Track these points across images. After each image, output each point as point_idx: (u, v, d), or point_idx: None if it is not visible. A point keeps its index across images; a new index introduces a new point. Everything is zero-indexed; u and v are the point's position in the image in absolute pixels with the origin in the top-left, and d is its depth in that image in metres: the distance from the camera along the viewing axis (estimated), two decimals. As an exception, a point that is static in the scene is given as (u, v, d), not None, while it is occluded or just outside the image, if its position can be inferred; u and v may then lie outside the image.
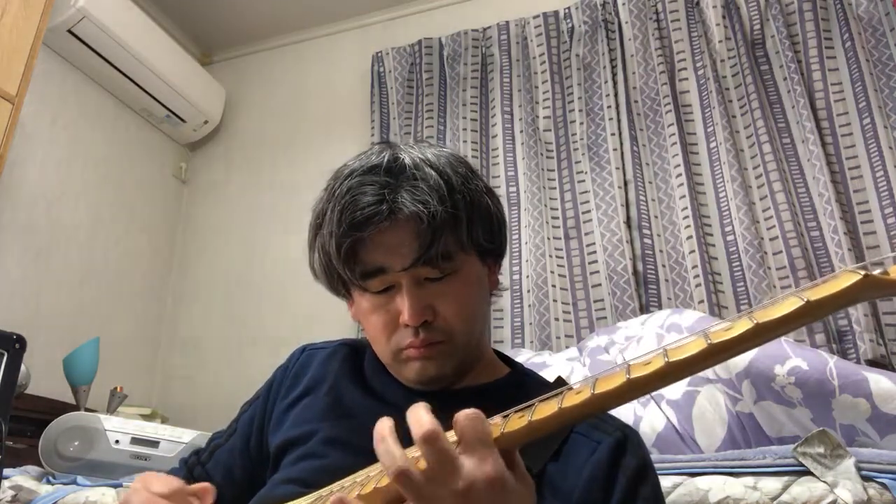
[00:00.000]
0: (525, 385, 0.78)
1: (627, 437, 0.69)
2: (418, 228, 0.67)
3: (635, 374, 0.46)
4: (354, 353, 0.84)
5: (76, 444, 1.47)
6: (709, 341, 0.44)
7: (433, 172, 0.70)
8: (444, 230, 0.68)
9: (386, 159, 0.71)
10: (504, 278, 2.07)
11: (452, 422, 0.49)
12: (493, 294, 0.81)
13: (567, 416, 0.48)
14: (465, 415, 0.48)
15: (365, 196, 0.68)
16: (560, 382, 0.77)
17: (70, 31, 2.19)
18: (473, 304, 0.73)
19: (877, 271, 0.41)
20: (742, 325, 0.44)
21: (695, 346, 0.45)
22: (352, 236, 0.69)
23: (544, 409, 0.49)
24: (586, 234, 2.03)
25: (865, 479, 0.88)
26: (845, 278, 0.42)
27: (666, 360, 0.45)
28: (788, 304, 0.43)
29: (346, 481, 0.59)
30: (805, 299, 0.42)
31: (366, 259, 0.70)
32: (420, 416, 0.48)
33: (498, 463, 0.48)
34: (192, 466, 0.84)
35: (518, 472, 0.50)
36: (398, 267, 0.69)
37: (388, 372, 0.77)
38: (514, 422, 0.50)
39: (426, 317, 0.69)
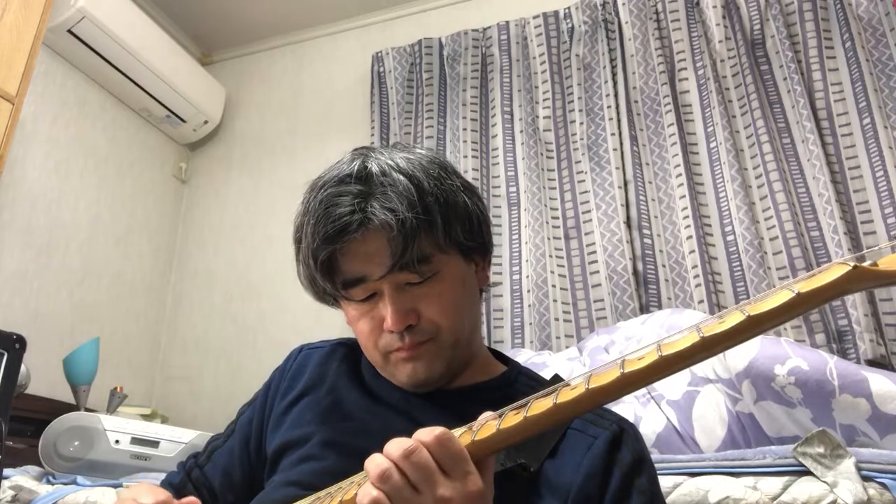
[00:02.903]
0: (521, 383, 0.78)
1: (623, 430, 0.69)
2: (389, 236, 0.67)
3: (629, 369, 0.46)
4: (352, 352, 0.84)
5: (76, 444, 1.47)
6: (701, 335, 0.44)
7: (402, 178, 0.70)
8: (416, 235, 0.68)
9: (356, 168, 0.71)
10: (504, 278, 2.07)
11: (420, 440, 0.50)
12: (484, 291, 0.81)
13: (562, 411, 0.48)
14: (433, 439, 0.50)
15: (337, 207, 0.69)
16: (557, 380, 0.77)
17: (70, 31, 2.19)
18: (458, 303, 0.73)
19: (866, 262, 0.42)
20: (734, 318, 0.44)
21: (688, 340, 0.45)
22: (327, 248, 0.69)
23: (539, 405, 0.49)
24: (586, 234, 2.03)
25: (865, 479, 0.88)
26: (835, 270, 0.42)
27: (659, 354, 0.45)
28: (780, 297, 0.43)
29: (345, 483, 0.59)
30: (796, 291, 0.42)
31: (345, 269, 0.70)
32: (399, 441, 0.50)
33: (477, 479, 0.50)
34: (189, 470, 0.84)
35: (487, 480, 0.52)
36: (377, 275, 0.69)
37: None
38: (509, 419, 0.50)
39: (410, 321, 0.69)
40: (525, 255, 2.06)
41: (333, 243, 0.69)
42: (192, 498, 0.66)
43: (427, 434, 0.50)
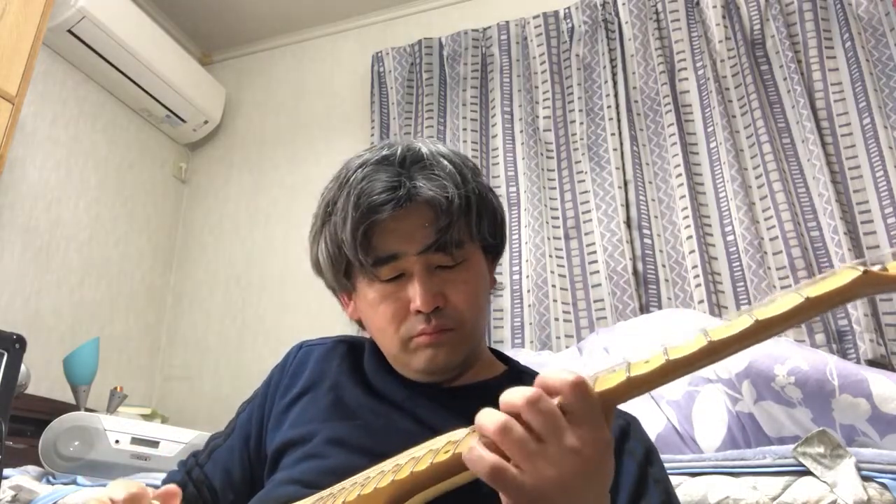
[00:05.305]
0: (523, 381, 0.78)
1: (629, 423, 0.70)
2: (435, 213, 0.69)
3: (635, 373, 0.46)
4: (353, 349, 0.83)
5: (76, 444, 1.47)
6: (709, 339, 0.44)
7: (446, 162, 0.72)
8: (459, 216, 0.70)
9: (399, 151, 0.73)
10: (504, 278, 2.07)
11: (549, 385, 0.47)
12: (491, 293, 0.82)
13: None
14: (570, 385, 0.46)
15: (381, 182, 0.69)
16: None
17: (70, 31, 2.19)
18: (480, 294, 0.74)
19: (876, 267, 0.42)
20: (742, 323, 0.43)
21: (695, 344, 0.45)
22: (368, 220, 0.69)
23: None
24: (586, 234, 2.03)
25: (865, 479, 0.88)
26: (845, 275, 0.42)
27: (666, 357, 0.45)
28: (788, 301, 0.43)
29: (347, 482, 0.59)
30: (805, 296, 0.42)
31: (379, 246, 0.70)
32: (519, 389, 0.47)
33: (605, 429, 0.47)
34: (190, 469, 0.83)
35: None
36: (412, 251, 0.69)
37: (389, 370, 0.77)
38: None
39: (438, 303, 0.69)
40: (525, 255, 2.06)
41: (376, 214, 0.68)
42: (172, 486, 0.66)
43: (560, 382, 0.47)
